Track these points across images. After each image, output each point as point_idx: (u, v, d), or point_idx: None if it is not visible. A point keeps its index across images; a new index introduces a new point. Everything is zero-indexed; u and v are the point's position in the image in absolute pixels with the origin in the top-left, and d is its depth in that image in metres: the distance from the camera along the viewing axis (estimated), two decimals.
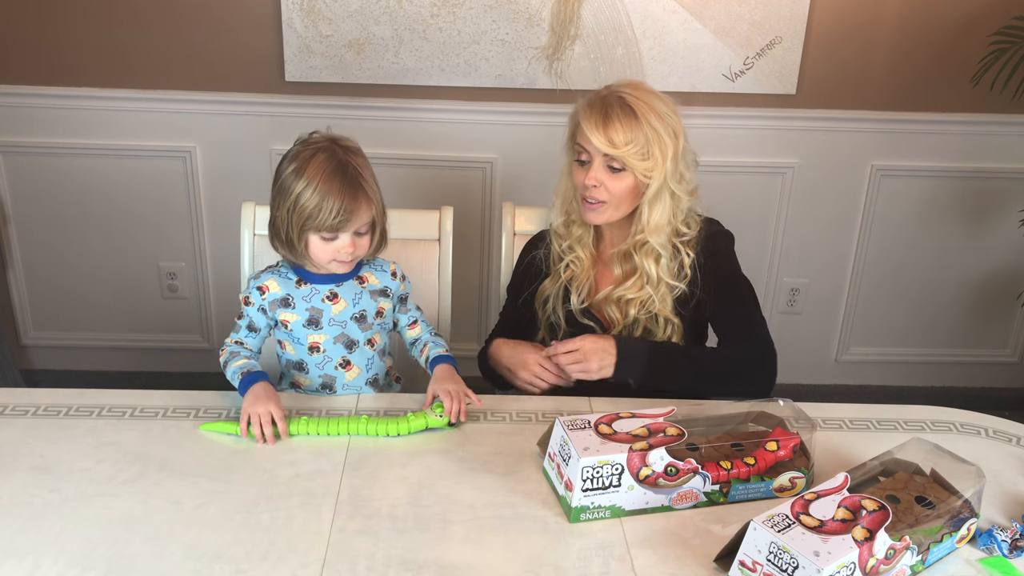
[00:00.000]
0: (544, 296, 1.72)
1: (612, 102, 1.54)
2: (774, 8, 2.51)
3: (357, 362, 1.55)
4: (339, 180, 1.42)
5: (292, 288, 1.52)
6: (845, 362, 2.99)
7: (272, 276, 1.54)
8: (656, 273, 1.60)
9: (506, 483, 1.31)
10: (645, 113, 1.53)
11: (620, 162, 1.54)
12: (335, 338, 1.53)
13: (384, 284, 1.57)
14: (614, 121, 1.52)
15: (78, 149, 2.60)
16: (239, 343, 1.54)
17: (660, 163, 1.54)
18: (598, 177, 1.56)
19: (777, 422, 1.37)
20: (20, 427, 1.40)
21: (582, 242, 1.68)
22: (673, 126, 1.56)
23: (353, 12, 2.47)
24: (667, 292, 1.61)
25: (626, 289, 1.63)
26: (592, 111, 1.55)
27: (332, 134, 1.50)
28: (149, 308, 2.81)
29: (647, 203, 1.58)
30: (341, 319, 1.53)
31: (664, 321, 1.62)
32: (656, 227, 1.58)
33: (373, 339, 1.57)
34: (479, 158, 2.65)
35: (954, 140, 2.70)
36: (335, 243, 1.46)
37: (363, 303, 1.54)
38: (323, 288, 1.52)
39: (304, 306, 1.52)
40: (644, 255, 1.60)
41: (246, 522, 1.20)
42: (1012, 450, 1.45)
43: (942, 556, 1.18)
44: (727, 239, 1.68)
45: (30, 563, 1.11)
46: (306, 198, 1.42)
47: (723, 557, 1.14)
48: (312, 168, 1.43)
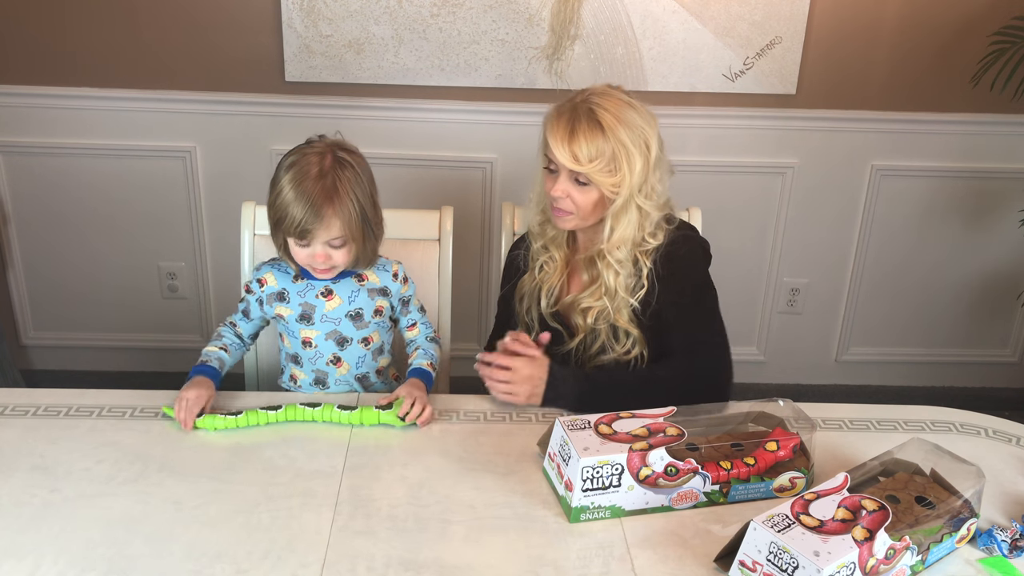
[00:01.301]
0: (521, 294, 1.71)
1: (580, 115, 1.49)
2: (774, 8, 2.51)
3: (347, 359, 1.56)
4: (310, 189, 1.40)
5: (288, 283, 1.54)
6: (845, 362, 2.99)
7: (271, 270, 1.55)
8: (614, 285, 1.56)
9: (506, 483, 1.31)
10: (613, 127, 1.48)
11: (585, 177, 1.50)
12: (327, 334, 1.54)
13: (384, 284, 1.57)
14: (579, 136, 1.47)
15: (78, 149, 2.60)
16: (232, 324, 1.60)
17: (627, 178, 1.50)
18: (564, 189, 1.52)
19: (777, 422, 1.37)
20: (20, 427, 1.40)
21: (556, 242, 1.66)
22: (645, 138, 1.50)
23: (353, 12, 2.47)
24: (623, 304, 1.58)
25: (586, 297, 1.60)
26: (559, 123, 1.50)
27: (337, 140, 1.49)
28: (149, 308, 2.81)
29: (612, 216, 1.53)
30: (335, 316, 1.53)
31: (624, 334, 1.59)
32: (619, 240, 1.54)
33: (369, 338, 1.57)
34: (479, 158, 2.65)
35: (954, 140, 2.70)
36: (308, 250, 1.46)
37: (359, 301, 1.54)
38: (318, 284, 1.53)
39: (298, 301, 1.53)
40: (606, 265, 1.56)
41: (246, 522, 1.20)
42: (1012, 450, 1.45)
43: (942, 556, 1.18)
44: (693, 246, 1.61)
45: (30, 563, 1.11)
46: (280, 200, 1.43)
47: (723, 557, 1.14)
48: (293, 171, 1.43)
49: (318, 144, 1.47)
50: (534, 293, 1.69)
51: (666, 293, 1.57)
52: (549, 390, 1.50)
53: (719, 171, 2.68)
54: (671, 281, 1.57)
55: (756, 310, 2.89)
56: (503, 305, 1.79)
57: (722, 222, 2.57)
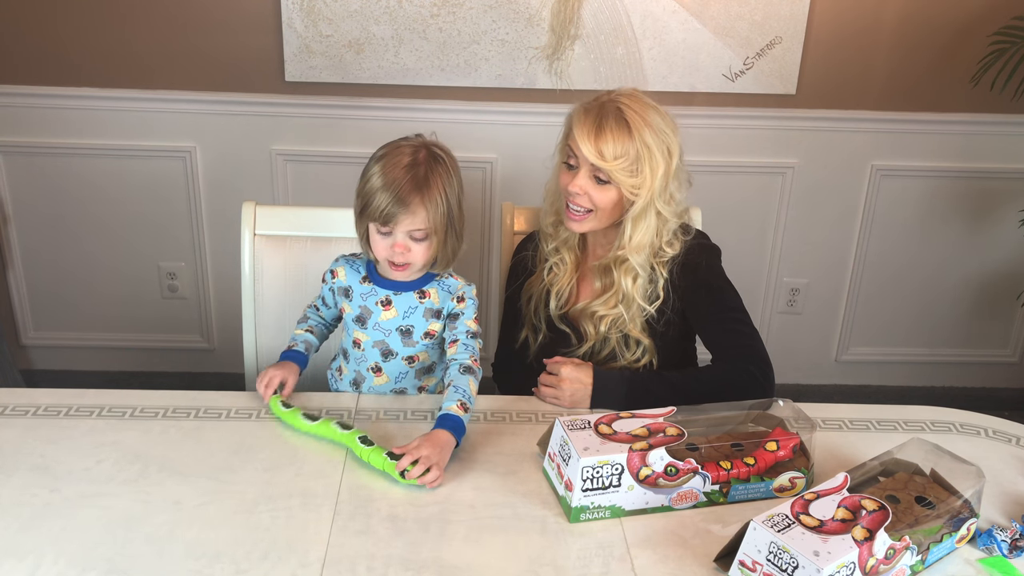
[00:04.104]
0: (528, 295, 1.71)
1: (608, 112, 1.50)
2: (774, 8, 2.51)
3: (388, 371, 1.55)
4: (403, 175, 1.41)
5: (356, 282, 1.54)
6: (845, 362, 2.99)
7: (344, 264, 1.56)
8: (631, 292, 1.56)
9: (506, 483, 1.31)
10: (640, 128, 1.49)
11: (607, 175, 1.51)
12: (375, 342, 1.53)
13: (442, 305, 1.52)
14: (606, 133, 1.49)
15: (78, 149, 2.60)
16: (315, 307, 1.63)
17: (649, 181, 1.50)
18: (583, 185, 1.53)
19: (777, 422, 1.37)
20: (20, 427, 1.40)
21: (568, 244, 1.66)
22: (669, 144, 1.52)
23: (353, 12, 2.47)
24: (638, 312, 1.58)
25: (600, 304, 1.60)
26: (587, 118, 1.51)
27: (433, 139, 1.50)
28: (149, 308, 2.81)
29: (631, 220, 1.54)
30: (387, 327, 1.52)
31: (635, 342, 1.60)
32: (638, 246, 1.54)
33: (416, 356, 1.54)
34: (479, 158, 2.65)
35: (954, 140, 2.70)
36: (389, 239, 1.44)
37: (413, 319, 1.51)
38: (381, 292, 1.52)
39: (359, 302, 1.53)
40: (624, 272, 1.56)
41: (246, 522, 1.20)
42: (1012, 450, 1.45)
43: (942, 556, 1.18)
44: (710, 252, 1.63)
45: (30, 563, 1.11)
46: (368, 186, 1.43)
47: (723, 557, 1.14)
48: (386, 160, 1.44)
49: (413, 140, 1.49)
50: (542, 294, 1.69)
51: (688, 299, 1.58)
52: (596, 391, 1.50)
53: (719, 171, 2.68)
54: (696, 286, 1.58)
55: (756, 310, 2.89)
56: (510, 306, 1.78)
57: (722, 222, 2.56)
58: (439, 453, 1.29)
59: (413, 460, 1.27)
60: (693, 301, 1.59)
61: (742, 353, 1.54)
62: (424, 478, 1.26)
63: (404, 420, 1.47)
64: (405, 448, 1.30)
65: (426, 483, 1.27)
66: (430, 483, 1.27)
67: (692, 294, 1.59)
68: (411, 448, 1.29)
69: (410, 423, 1.46)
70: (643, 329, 1.59)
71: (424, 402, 1.53)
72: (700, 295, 1.59)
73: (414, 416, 1.48)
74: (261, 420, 1.45)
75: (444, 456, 1.30)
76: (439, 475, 1.28)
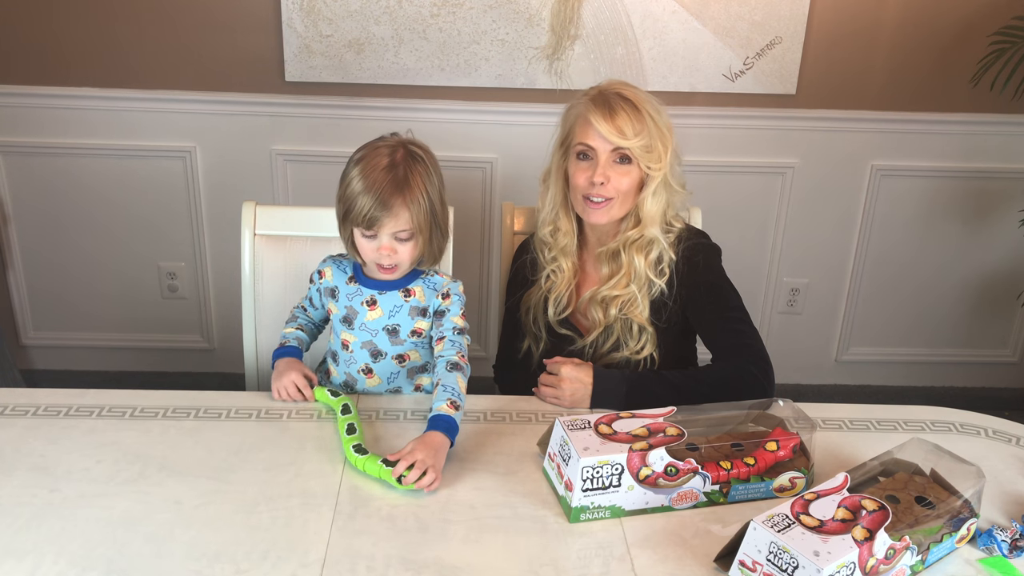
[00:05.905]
0: (526, 306, 1.72)
1: (612, 96, 1.55)
2: (774, 8, 2.51)
3: (379, 372, 1.54)
4: (380, 179, 1.40)
5: (342, 282, 1.54)
6: (845, 362, 2.99)
7: (332, 265, 1.56)
8: (643, 268, 1.59)
9: (506, 483, 1.31)
10: (645, 107, 1.55)
11: (629, 153, 1.54)
12: (363, 343, 1.52)
13: (427, 303, 1.51)
14: (620, 113, 1.53)
15: (78, 149, 2.60)
16: (303, 308, 1.63)
17: (663, 156, 1.56)
18: (606, 173, 1.55)
19: (777, 422, 1.37)
20: (20, 427, 1.40)
21: (566, 252, 1.67)
22: (667, 120, 1.59)
23: (353, 12, 2.47)
24: (646, 292, 1.60)
25: (611, 287, 1.62)
26: (595, 106, 1.55)
27: (410, 138, 1.49)
28: (149, 308, 2.81)
29: (650, 195, 1.58)
30: (373, 327, 1.51)
31: (639, 329, 1.61)
32: (653, 218, 1.59)
33: (406, 355, 1.54)
34: (479, 158, 2.65)
35: (954, 140, 2.70)
36: (374, 242, 1.44)
37: (399, 317, 1.51)
38: (366, 292, 1.51)
39: (345, 303, 1.53)
40: (635, 250, 1.59)
41: (246, 522, 1.20)
42: (1012, 450, 1.45)
43: (942, 556, 1.18)
44: (711, 251, 1.65)
45: (30, 563, 1.11)
46: (349, 190, 1.43)
47: (723, 557, 1.14)
48: (364, 163, 1.43)
49: (390, 139, 1.48)
50: (540, 303, 1.69)
51: (688, 293, 1.60)
52: (597, 390, 1.50)
53: (719, 171, 2.68)
54: (697, 282, 1.60)
55: (756, 310, 2.89)
56: (509, 316, 1.79)
57: (722, 222, 2.56)
58: (434, 455, 1.28)
59: (409, 465, 1.26)
60: (693, 300, 1.61)
61: (742, 353, 1.55)
62: (421, 482, 1.25)
63: (404, 420, 1.47)
64: (399, 454, 1.29)
65: (423, 487, 1.26)
66: (428, 487, 1.26)
67: (692, 293, 1.60)
68: (405, 453, 1.28)
69: (410, 423, 1.46)
70: (647, 317, 1.61)
71: (423, 402, 1.53)
72: (700, 294, 1.60)
73: (414, 416, 1.48)
74: (261, 420, 1.45)
75: (440, 458, 1.29)
76: (436, 478, 1.26)
